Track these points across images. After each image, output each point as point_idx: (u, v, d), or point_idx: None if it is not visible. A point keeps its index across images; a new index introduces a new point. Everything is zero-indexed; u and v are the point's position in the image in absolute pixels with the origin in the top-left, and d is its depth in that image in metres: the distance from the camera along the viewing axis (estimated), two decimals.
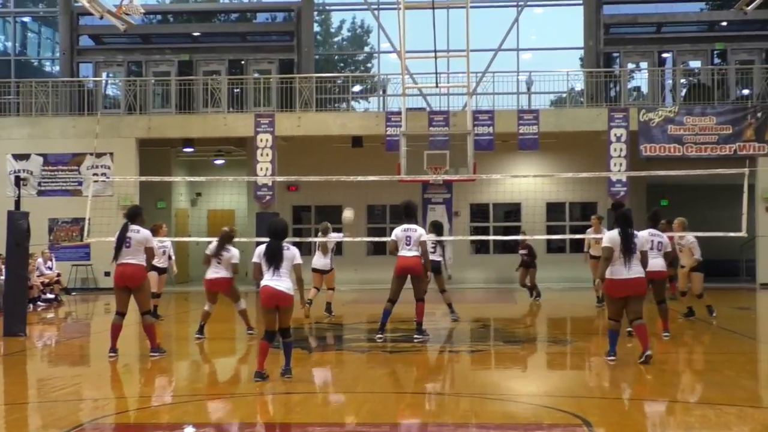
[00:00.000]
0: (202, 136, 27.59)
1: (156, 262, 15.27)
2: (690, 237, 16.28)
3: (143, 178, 23.72)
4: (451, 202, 27.64)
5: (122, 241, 12.05)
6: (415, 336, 13.99)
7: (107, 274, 25.92)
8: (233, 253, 14.36)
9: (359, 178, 18.89)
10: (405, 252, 13.78)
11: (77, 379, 10.98)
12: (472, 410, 8.81)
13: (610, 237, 11.14)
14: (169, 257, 17.74)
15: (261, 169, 26.36)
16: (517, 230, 25.54)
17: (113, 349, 11.94)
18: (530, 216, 27.09)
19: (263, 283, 10.15)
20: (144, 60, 31.58)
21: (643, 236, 11.70)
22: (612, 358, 11.28)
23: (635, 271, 11.01)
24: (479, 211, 28.88)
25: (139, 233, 12.12)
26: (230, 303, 14.84)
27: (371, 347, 13.75)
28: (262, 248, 10.30)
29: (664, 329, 13.84)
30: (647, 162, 25.63)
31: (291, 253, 10.29)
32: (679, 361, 12.38)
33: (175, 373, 11.65)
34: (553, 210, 28.63)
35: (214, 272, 14.25)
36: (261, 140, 26.48)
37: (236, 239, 15.16)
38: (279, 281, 10.08)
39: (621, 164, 25.59)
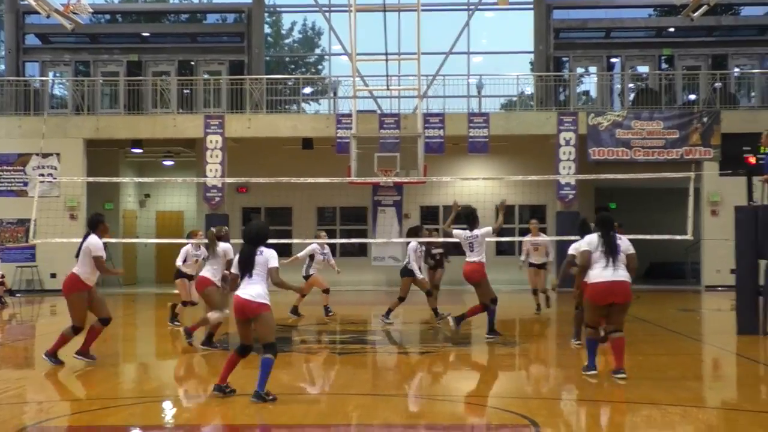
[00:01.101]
0: (151, 137, 27.37)
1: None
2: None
3: (91, 179, 23.48)
4: (401, 205, 27.69)
5: (78, 251, 11.69)
6: (487, 336, 14.06)
7: (53, 275, 25.67)
8: (225, 247, 13.30)
9: (309, 179, 18.90)
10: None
11: (21, 382, 10.83)
12: (420, 411, 8.84)
13: (590, 240, 10.65)
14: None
15: (210, 170, 26.22)
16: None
17: (85, 354, 11.67)
18: (480, 219, 27.09)
19: (235, 293, 9.35)
20: (92, 60, 31.23)
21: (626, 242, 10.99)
22: (593, 372, 10.55)
23: (620, 274, 10.52)
24: (429, 214, 28.93)
25: (86, 241, 11.68)
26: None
27: (320, 349, 13.73)
28: (237, 258, 9.54)
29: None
30: (596, 165, 25.87)
31: (264, 257, 9.32)
32: (625, 361, 12.48)
33: (122, 376, 11.54)
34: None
35: (204, 271, 13.52)
36: (211, 141, 26.34)
37: (184, 240, 15.03)
38: (247, 289, 9.17)
39: (570, 167, 25.82)
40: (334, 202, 28.20)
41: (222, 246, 13.30)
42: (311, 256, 18.56)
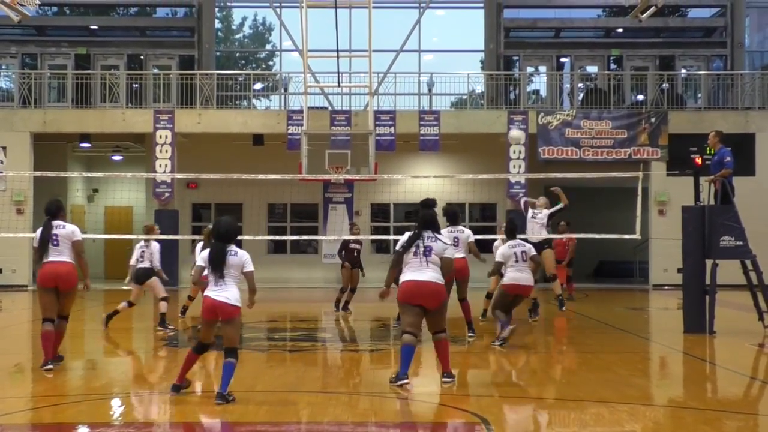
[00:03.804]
0: (100, 132, 27.08)
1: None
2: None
3: (38, 173, 23.15)
4: (352, 202, 27.68)
5: (47, 240, 10.95)
6: (469, 334, 13.90)
7: None
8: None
9: (260, 176, 18.83)
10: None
11: None
12: (371, 409, 8.84)
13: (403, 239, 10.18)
14: None
15: (160, 166, 25.99)
16: None
17: (54, 359, 11.02)
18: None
19: (206, 293, 9.12)
20: (39, 52, 30.79)
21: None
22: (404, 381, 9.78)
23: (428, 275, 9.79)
24: (380, 211, 28.98)
25: (65, 228, 11.07)
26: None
27: (270, 346, 13.69)
28: (207, 252, 9.28)
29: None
30: (545, 164, 26.09)
31: (239, 258, 9.11)
32: (572, 360, 12.62)
33: (69, 372, 11.38)
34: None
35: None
36: (160, 137, 26.12)
37: (133, 236, 14.86)
38: (221, 291, 8.98)
39: (520, 166, 25.99)
40: (285, 198, 28.10)
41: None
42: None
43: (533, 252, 13.82)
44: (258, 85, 30.77)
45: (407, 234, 10.10)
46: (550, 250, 17.38)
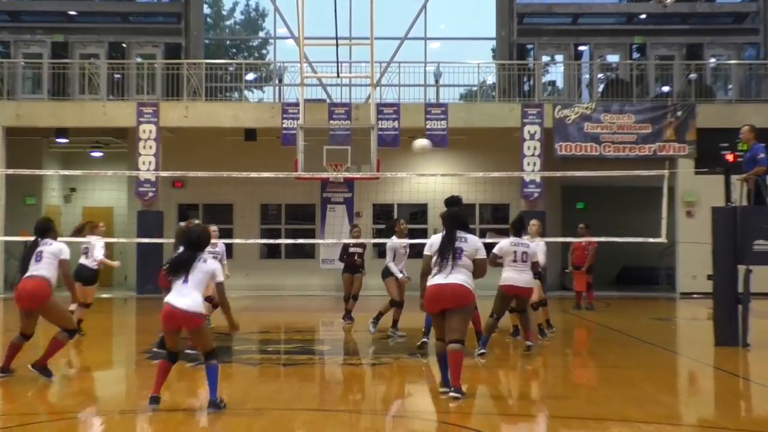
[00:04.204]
0: (78, 126, 27.03)
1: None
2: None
3: (10, 171, 23.13)
4: (352, 202, 27.63)
5: (28, 258, 11.19)
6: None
7: None
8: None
9: (252, 174, 18.73)
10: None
11: None
12: (373, 428, 8.76)
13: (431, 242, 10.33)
14: None
15: (143, 163, 25.95)
16: (424, 233, 25.59)
17: (5, 369, 11.17)
18: (438, 218, 27.06)
19: (166, 299, 9.15)
20: (12, 40, 30.74)
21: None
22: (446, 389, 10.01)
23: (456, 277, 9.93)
24: (383, 212, 28.90)
25: (52, 245, 11.29)
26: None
27: (263, 360, 13.61)
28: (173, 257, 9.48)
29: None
30: (563, 162, 26.00)
31: (209, 266, 9.18)
32: (594, 375, 12.53)
33: (44, 389, 11.29)
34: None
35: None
36: (144, 131, 26.06)
37: (110, 239, 14.81)
38: (181, 297, 9.01)
39: (535, 164, 25.92)
40: (279, 198, 28.05)
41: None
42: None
43: (537, 258, 13.79)
44: (250, 76, 30.73)
45: (437, 236, 10.19)
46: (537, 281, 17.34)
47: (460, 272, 9.84)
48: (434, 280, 9.89)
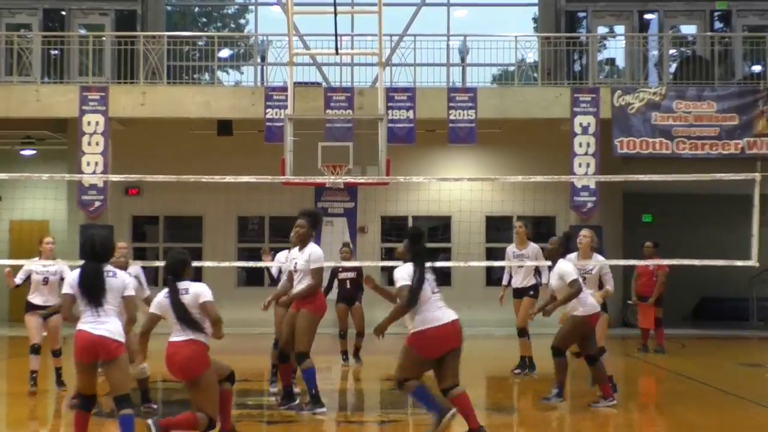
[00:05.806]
0: (5, 116, 27.08)
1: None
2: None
3: None
4: (355, 214, 27.68)
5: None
6: None
7: None
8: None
9: (228, 178, 18.76)
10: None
11: None
12: None
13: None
14: None
15: (88, 164, 25.95)
16: (447, 253, 25.58)
17: None
18: (464, 234, 27.08)
19: (78, 326, 9.55)
20: None
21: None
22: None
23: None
24: (393, 228, 28.91)
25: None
26: None
27: (241, 416, 13.62)
28: (75, 275, 9.76)
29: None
30: (624, 162, 26.02)
31: (119, 281, 9.70)
32: None
33: None
34: (496, 226, 28.83)
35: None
36: (88, 123, 26.08)
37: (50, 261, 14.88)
38: (99, 323, 9.44)
39: (588, 165, 25.87)
40: (262, 209, 28.11)
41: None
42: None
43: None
44: (225, 52, 30.80)
45: (407, 266, 11.05)
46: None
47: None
48: (431, 319, 10.75)
